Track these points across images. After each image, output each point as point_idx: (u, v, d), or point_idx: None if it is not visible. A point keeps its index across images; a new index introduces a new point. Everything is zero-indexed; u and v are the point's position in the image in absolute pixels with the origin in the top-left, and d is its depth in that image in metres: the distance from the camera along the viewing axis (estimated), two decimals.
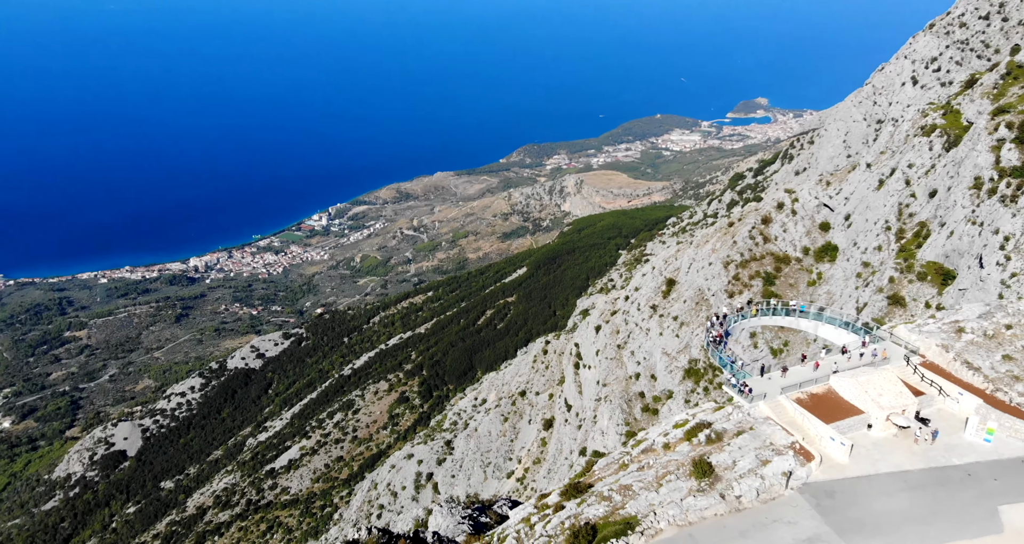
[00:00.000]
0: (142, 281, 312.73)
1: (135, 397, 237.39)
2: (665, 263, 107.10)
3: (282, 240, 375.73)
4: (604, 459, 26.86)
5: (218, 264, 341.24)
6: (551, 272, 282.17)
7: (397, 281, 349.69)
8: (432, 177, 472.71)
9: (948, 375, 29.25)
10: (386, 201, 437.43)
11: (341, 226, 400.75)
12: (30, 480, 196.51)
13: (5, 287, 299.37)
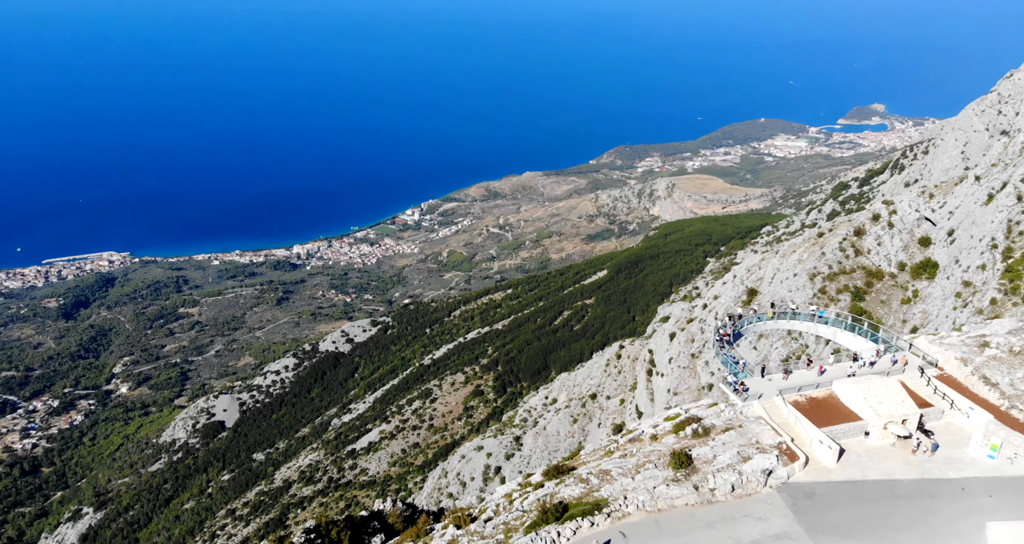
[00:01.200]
0: (249, 265, 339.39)
1: (236, 372, 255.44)
2: (747, 272, 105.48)
3: (377, 232, 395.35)
4: (592, 445, 29.00)
5: (318, 252, 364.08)
6: (633, 276, 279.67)
7: (480, 277, 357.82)
8: (521, 177, 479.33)
9: (963, 389, 29.06)
10: (475, 199, 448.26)
11: (431, 221, 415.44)
12: (140, 442, 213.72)
13: (131, 264, 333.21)
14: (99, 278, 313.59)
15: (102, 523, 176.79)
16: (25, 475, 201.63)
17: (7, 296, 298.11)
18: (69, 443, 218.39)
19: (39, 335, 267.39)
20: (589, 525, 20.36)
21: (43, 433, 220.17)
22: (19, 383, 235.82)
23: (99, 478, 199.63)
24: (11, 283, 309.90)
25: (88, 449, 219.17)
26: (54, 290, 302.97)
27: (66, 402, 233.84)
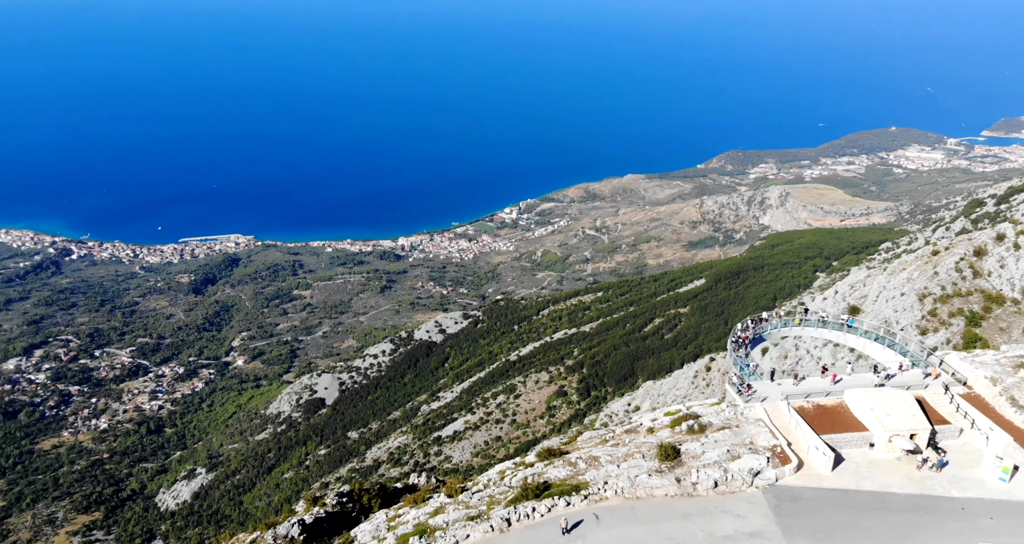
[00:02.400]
0: (358, 253, 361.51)
1: (339, 353, 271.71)
2: (851, 288, 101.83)
3: (476, 229, 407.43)
4: (590, 432, 30.85)
5: (421, 245, 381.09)
6: (732, 287, 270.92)
7: (572, 279, 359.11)
8: (622, 179, 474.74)
9: (988, 409, 28.28)
10: (573, 200, 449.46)
11: (528, 220, 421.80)
12: (250, 412, 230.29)
13: (255, 247, 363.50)
14: (226, 258, 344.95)
15: (212, 483, 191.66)
16: (151, 433, 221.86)
17: (147, 270, 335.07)
18: (190, 407, 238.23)
19: (171, 307, 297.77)
20: (565, 504, 23.01)
21: (168, 396, 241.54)
22: (152, 349, 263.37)
23: (212, 442, 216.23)
24: (151, 258, 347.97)
25: (205, 414, 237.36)
26: (187, 267, 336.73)
27: (190, 370, 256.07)
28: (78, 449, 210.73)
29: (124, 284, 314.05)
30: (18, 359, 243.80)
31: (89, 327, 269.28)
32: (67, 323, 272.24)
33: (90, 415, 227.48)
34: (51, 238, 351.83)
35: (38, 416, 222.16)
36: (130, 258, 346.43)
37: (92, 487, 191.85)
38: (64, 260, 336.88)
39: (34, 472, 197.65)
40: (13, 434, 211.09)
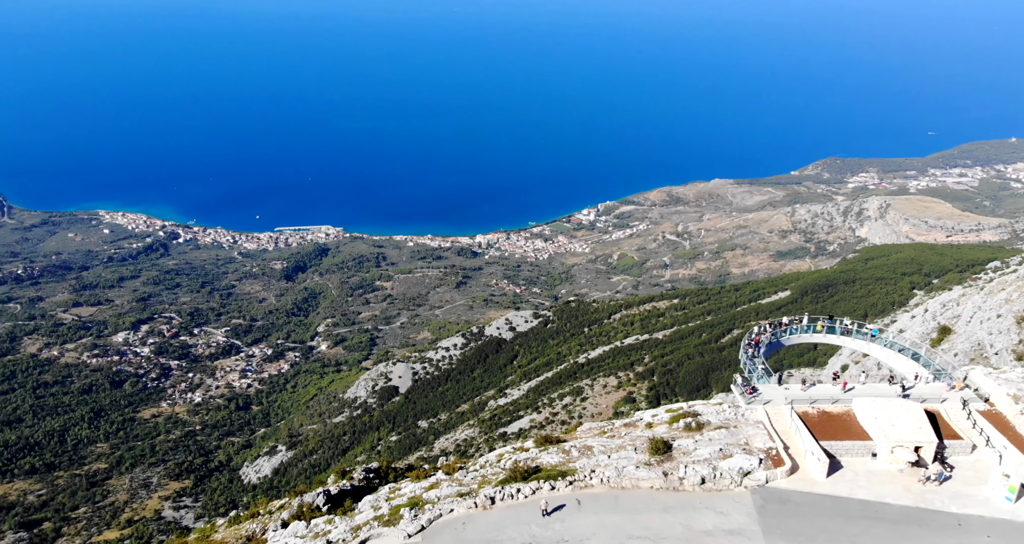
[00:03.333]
0: (438, 249, 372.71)
1: (415, 344, 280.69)
2: (942, 307, 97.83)
3: (552, 229, 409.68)
4: (591, 423, 32.34)
5: (497, 243, 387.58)
6: (820, 301, 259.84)
7: (649, 284, 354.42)
8: (708, 183, 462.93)
9: (1006, 427, 27.55)
10: (654, 203, 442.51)
11: (606, 223, 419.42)
12: (329, 395, 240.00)
13: (343, 238, 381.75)
14: (316, 248, 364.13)
15: (291, 461, 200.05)
16: (239, 409, 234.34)
17: (244, 255, 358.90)
18: (275, 387, 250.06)
19: (264, 291, 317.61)
20: (549, 488, 25.11)
21: (257, 376, 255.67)
22: (244, 330, 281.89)
23: (294, 421, 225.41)
24: (248, 245, 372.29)
25: (289, 395, 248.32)
26: (280, 254, 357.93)
27: (278, 352, 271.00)
28: (174, 420, 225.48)
29: (223, 268, 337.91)
30: (126, 333, 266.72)
31: (190, 306, 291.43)
32: (171, 302, 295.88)
33: (186, 389, 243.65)
34: (162, 222, 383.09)
35: (141, 387, 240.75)
36: (230, 244, 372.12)
37: (184, 456, 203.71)
38: (172, 243, 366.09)
39: (134, 438, 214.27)
40: (118, 402, 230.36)
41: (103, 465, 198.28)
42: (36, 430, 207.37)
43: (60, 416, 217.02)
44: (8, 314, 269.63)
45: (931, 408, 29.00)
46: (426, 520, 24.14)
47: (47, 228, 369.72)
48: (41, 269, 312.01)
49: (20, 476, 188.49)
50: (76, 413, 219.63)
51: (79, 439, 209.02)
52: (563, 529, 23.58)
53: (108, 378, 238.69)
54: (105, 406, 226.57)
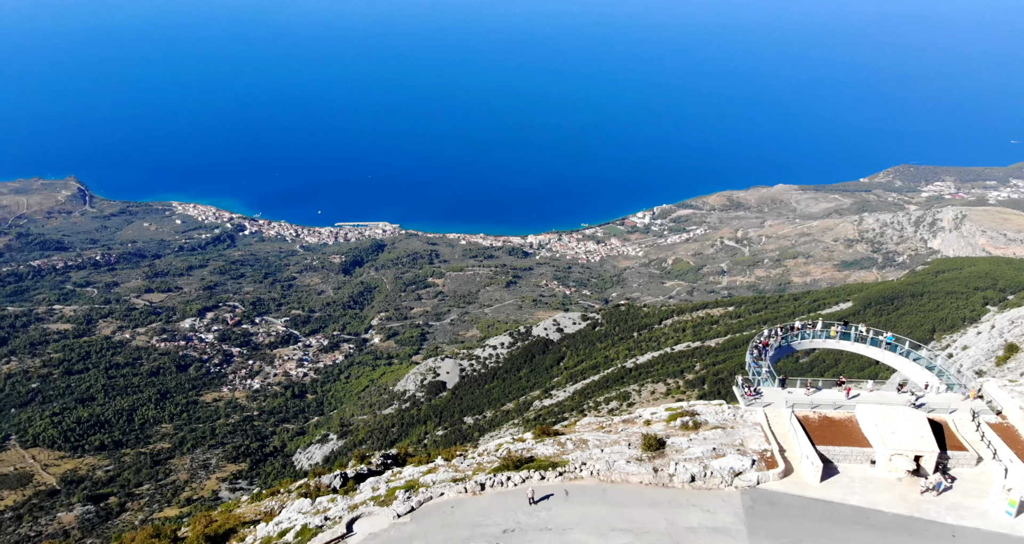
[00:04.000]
0: (489, 248, 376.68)
1: (463, 341, 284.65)
2: (1010, 323, 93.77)
3: (605, 231, 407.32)
4: (591, 418, 33.05)
5: (549, 244, 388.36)
6: (884, 314, 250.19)
7: (704, 290, 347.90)
8: (771, 189, 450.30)
9: (1016, 441, 26.93)
10: (713, 208, 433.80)
11: (661, 226, 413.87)
12: (380, 388, 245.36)
13: (399, 235, 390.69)
14: (373, 243, 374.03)
15: (341, 450, 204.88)
16: (295, 397, 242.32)
17: (305, 249, 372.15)
18: (329, 377, 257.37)
19: (323, 284, 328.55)
20: (539, 478, 26.33)
21: (312, 365, 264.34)
22: (302, 321, 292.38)
23: (345, 411, 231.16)
24: (310, 238, 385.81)
25: (342, 385, 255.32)
26: (339, 248, 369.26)
27: (333, 343, 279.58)
28: (234, 404, 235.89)
29: (285, 260, 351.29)
30: (193, 319, 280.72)
31: (253, 296, 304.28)
32: (235, 291, 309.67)
33: (246, 375, 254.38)
34: (230, 214, 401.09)
35: (204, 371, 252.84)
36: (292, 237, 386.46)
37: (241, 440, 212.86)
38: (238, 235, 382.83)
39: (196, 421, 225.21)
40: (183, 385, 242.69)
41: (166, 445, 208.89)
42: (107, 408, 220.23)
43: (129, 396, 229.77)
44: (86, 297, 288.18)
45: (938, 418, 28.70)
46: (416, 502, 25.91)
47: (124, 217, 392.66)
48: (117, 256, 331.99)
49: (90, 452, 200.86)
50: (144, 394, 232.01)
51: (146, 419, 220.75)
52: (548, 518, 24.76)
53: (174, 362, 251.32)
54: (171, 388, 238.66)
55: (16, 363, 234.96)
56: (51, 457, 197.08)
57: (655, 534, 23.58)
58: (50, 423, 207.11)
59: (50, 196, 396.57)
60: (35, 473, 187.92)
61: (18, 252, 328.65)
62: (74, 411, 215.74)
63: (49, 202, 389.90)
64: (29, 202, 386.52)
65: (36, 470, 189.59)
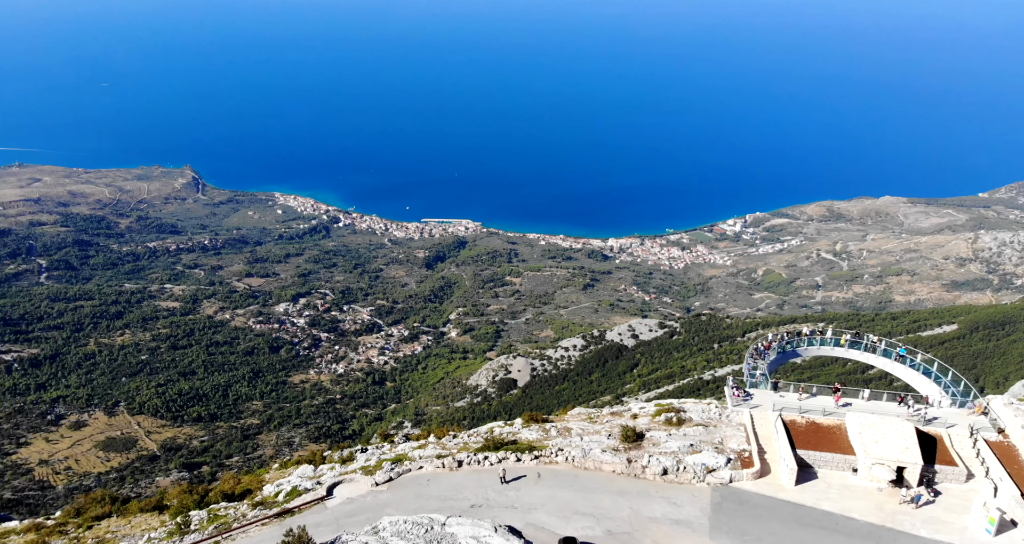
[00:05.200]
0: (568, 249, 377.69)
1: (537, 341, 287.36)
2: None
3: (691, 238, 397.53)
4: (581, 409, 34.31)
5: (630, 248, 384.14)
6: (992, 339, 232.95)
7: (796, 304, 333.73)
8: (877, 200, 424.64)
9: (1013, 459, 26.13)
10: (811, 218, 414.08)
11: (753, 235, 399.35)
12: (454, 380, 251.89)
13: (480, 233, 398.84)
14: (456, 240, 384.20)
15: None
16: (375, 384, 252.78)
17: (393, 242, 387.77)
18: (408, 367, 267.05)
19: (407, 277, 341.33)
20: (515, 460, 28.32)
21: (393, 354, 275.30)
22: (386, 311, 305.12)
23: (421, 401, 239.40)
24: (397, 233, 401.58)
25: (419, 376, 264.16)
26: (424, 243, 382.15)
27: (413, 334, 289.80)
28: (319, 387, 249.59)
29: (374, 253, 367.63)
30: (287, 304, 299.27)
31: (342, 285, 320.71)
32: (327, 279, 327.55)
33: (332, 360, 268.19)
34: (326, 207, 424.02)
35: (294, 354, 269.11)
36: (382, 231, 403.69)
37: (323, 421, 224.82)
38: (333, 226, 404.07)
39: (283, 400, 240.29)
40: (274, 365, 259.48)
41: (256, 421, 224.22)
42: (205, 383, 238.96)
43: (225, 373, 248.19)
44: (194, 279, 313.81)
45: (934, 432, 28.28)
46: (395, 473, 28.68)
47: (231, 205, 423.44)
48: (223, 241, 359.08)
49: (188, 422, 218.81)
50: (239, 372, 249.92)
51: (239, 395, 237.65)
52: (516, 497, 26.71)
53: (268, 343, 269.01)
54: (263, 368, 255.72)
55: (129, 335, 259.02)
56: (154, 425, 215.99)
57: (616, 521, 24.90)
58: (155, 393, 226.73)
59: (168, 183, 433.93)
60: (139, 439, 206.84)
61: (137, 234, 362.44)
62: (176, 383, 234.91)
63: (167, 189, 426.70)
64: (149, 188, 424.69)
65: (140, 436, 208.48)
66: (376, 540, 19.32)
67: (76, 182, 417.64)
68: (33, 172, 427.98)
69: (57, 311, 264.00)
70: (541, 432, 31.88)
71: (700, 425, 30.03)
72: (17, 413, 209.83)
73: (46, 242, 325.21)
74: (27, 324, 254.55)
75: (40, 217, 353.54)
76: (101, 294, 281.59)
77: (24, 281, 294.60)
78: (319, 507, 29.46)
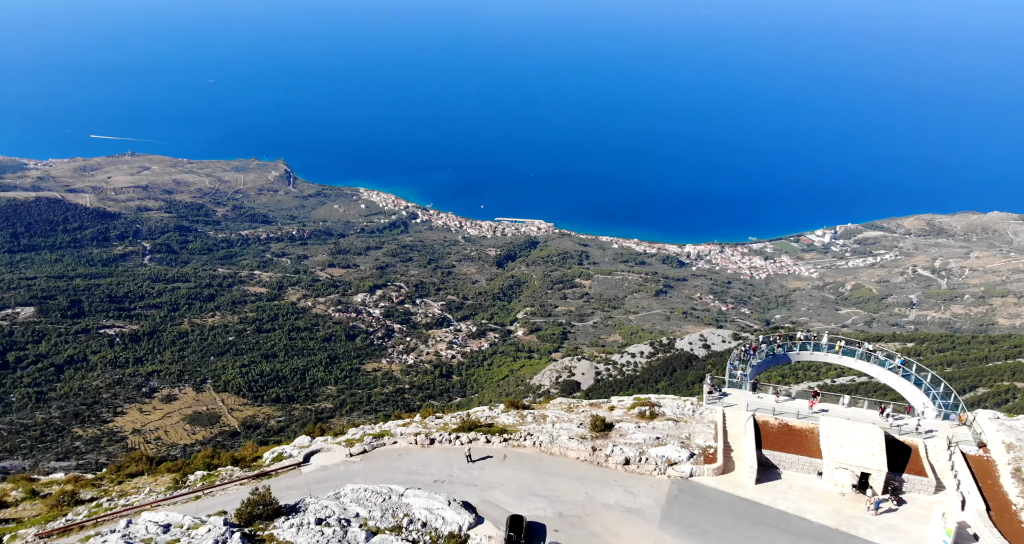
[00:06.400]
0: (642, 254, 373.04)
1: (603, 345, 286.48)
2: None
3: (775, 247, 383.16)
4: (563, 399, 35.57)
5: (708, 255, 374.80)
6: None
7: (886, 323, 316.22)
8: (983, 215, 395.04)
9: (987, 474, 25.63)
10: (908, 232, 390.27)
11: (843, 248, 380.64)
12: (517, 378, 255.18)
13: (552, 233, 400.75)
14: (527, 240, 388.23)
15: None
16: (442, 377, 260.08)
17: (466, 240, 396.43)
18: (474, 362, 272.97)
19: (478, 274, 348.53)
20: (485, 441, 30.46)
21: (460, 349, 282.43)
22: (456, 307, 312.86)
23: (484, 396, 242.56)
24: (471, 230, 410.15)
25: (484, 372, 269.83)
26: (496, 242, 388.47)
27: (481, 330, 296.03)
28: (389, 376, 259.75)
29: (447, 249, 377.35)
30: (364, 295, 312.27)
31: (416, 279, 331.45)
32: (402, 273, 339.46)
33: (403, 351, 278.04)
34: (405, 203, 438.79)
35: (368, 343, 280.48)
36: (456, 228, 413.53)
37: (391, 409, 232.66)
38: (411, 222, 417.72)
39: (356, 386, 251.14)
40: (349, 353, 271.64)
41: (329, 404, 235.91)
42: (285, 366, 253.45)
43: (304, 357, 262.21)
44: (280, 266, 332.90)
45: (910, 441, 28.09)
46: (370, 446, 31.47)
47: (319, 198, 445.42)
48: (309, 232, 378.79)
49: (268, 402, 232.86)
50: (316, 357, 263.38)
51: (315, 379, 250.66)
52: (478, 475, 28.86)
53: (344, 331, 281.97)
54: (339, 354, 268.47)
55: (219, 317, 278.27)
56: (236, 402, 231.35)
57: (569, 505, 26.51)
58: (239, 373, 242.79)
59: (262, 175, 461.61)
60: (222, 415, 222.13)
61: (232, 222, 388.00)
62: (259, 365, 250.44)
63: (261, 180, 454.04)
64: (245, 179, 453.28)
65: (224, 412, 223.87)
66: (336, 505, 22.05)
67: (180, 171, 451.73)
68: (143, 161, 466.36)
69: (157, 291, 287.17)
70: (518, 418, 34.05)
71: (671, 420, 31.23)
72: (116, 384, 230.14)
73: (151, 226, 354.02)
74: (130, 302, 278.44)
75: (147, 203, 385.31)
76: (196, 277, 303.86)
77: (130, 262, 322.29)
78: (295, 472, 33.19)
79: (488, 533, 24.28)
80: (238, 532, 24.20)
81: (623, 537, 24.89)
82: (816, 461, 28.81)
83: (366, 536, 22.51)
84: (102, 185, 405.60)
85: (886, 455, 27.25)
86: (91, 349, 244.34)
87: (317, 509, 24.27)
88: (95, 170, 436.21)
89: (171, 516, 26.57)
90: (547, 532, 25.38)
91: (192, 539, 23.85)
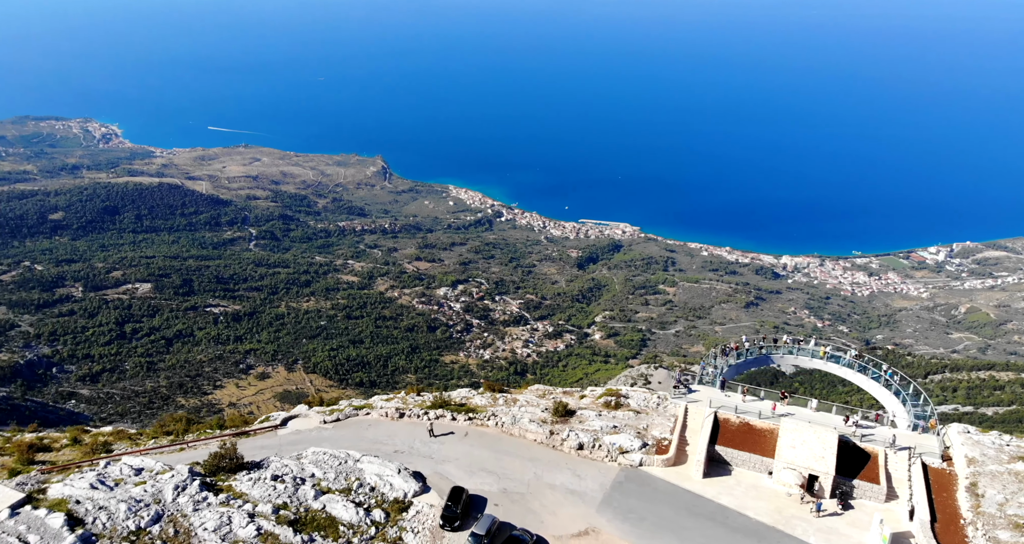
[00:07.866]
0: (734, 263, 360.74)
1: (686, 355, 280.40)
2: None
3: (882, 263, 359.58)
4: (539, 385, 36.72)
5: (807, 268, 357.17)
6: None
7: (1003, 351, 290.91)
8: None
9: (944, 486, 25.05)
10: None
11: (959, 267, 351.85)
12: (591, 382, 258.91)
13: (637, 237, 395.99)
14: (611, 243, 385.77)
15: None
16: (516, 374, 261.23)
17: (549, 240, 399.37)
18: (549, 362, 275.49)
19: (558, 275, 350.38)
20: (451, 418, 32.60)
21: (536, 348, 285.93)
22: (534, 306, 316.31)
23: None
24: (554, 231, 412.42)
25: (558, 372, 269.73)
26: (578, 243, 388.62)
27: (557, 331, 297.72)
28: (465, 369, 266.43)
29: (529, 248, 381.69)
30: (447, 289, 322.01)
31: (497, 276, 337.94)
32: (484, 269, 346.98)
33: (480, 345, 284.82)
34: (492, 201, 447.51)
35: (448, 335, 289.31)
36: (539, 228, 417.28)
37: None
38: (495, 220, 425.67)
39: (433, 376, 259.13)
40: (429, 344, 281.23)
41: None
42: (370, 352, 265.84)
43: (388, 345, 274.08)
44: (371, 257, 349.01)
45: (871, 449, 27.77)
46: (344, 415, 34.45)
47: (411, 194, 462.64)
48: (400, 226, 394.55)
49: (351, 385, 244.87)
50: (399, 345, 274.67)
51: (396, 367, 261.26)
52: (437, 449, 31.23)
53: (427, 323, 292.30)
54: (420, 345, 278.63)
55: (313, 302, 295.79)
56: (323, 384, 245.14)
57: (516, 482, 28.33)
58: (327, 356, 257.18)
59: (361, 170, 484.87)
60: (310, 395, 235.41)
61: (331, 213, 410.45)
62: (346, 349, 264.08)
63: (360, 175, 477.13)
64: (345, 173, 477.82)
65: (311, 392, 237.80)
66: (296, 465, 24.90)
67: (287, 163, 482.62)
68: (255, 153, 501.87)
69: (259, 275, 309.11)
70: (490, 400, 36.09)
71: (634, 411, 32.37)
72: (217, 359, 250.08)
73: (258, 214, 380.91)
74: (234, 283, 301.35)
75: (255, 192, 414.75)
76: (295, 264, 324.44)
77: (237, 246, 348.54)
78: (271, 434, 37.22)
79: (431, 502, 26.54)
80: (198, 480, 28.05)
81: (559, 516, 26.34)
82: (769, 461, 29.27)
83: (315, 494, 25.37)
84: (217, 174, 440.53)
85: (838, 460, 27.24)
86: (198, 325, 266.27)
87: (278, 467, 27.52)
88: (212, 159, 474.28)
89: (145, 461, 31.04)
90: (487, 505, 27.35)
91: (157, 482, 27.88)
